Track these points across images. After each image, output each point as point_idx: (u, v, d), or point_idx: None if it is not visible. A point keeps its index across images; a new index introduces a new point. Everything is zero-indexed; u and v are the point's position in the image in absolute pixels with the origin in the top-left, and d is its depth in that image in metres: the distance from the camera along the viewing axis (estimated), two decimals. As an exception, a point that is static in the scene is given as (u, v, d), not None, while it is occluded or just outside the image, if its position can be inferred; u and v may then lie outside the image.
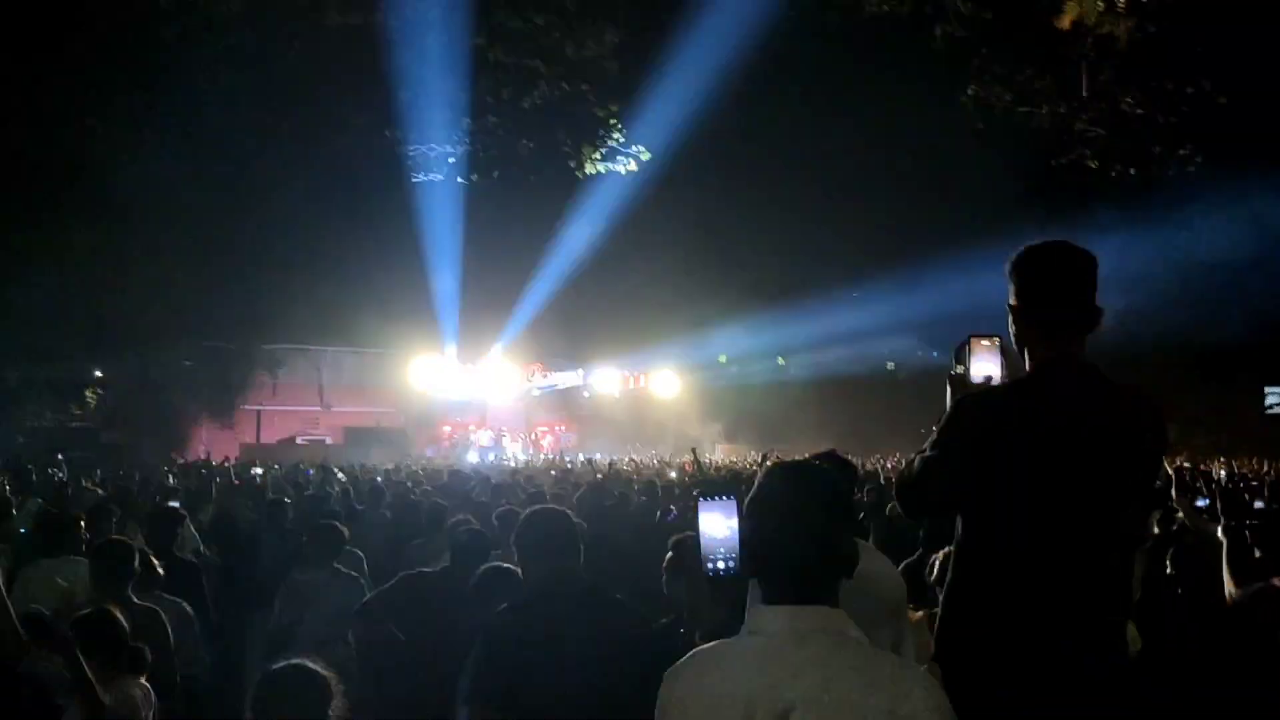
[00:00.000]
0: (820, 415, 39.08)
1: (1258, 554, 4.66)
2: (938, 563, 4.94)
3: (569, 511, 4.46)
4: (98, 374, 35.33)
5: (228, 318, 33.05)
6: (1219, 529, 4.96)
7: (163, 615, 5.20)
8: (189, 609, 5.75)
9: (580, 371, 44.76)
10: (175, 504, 9.41)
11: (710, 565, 2.37)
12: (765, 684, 2.09)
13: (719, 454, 37.57)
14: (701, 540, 2.38)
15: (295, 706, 3.32)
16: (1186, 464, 20.36)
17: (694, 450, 14.07)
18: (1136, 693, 2.85)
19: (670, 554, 4.76)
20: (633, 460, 24.78)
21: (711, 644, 2.27)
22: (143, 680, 4.51)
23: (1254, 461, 25.60)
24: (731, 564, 2.35)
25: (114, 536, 6.19)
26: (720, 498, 2.39)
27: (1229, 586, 4.41)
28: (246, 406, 39.11)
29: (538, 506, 4.53)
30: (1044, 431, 2.82)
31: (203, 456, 27.21)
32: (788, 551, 2.19)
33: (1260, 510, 8.13)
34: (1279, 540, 4.75)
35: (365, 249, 31.22)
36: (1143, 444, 2.91)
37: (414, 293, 35.67)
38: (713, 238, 35.06)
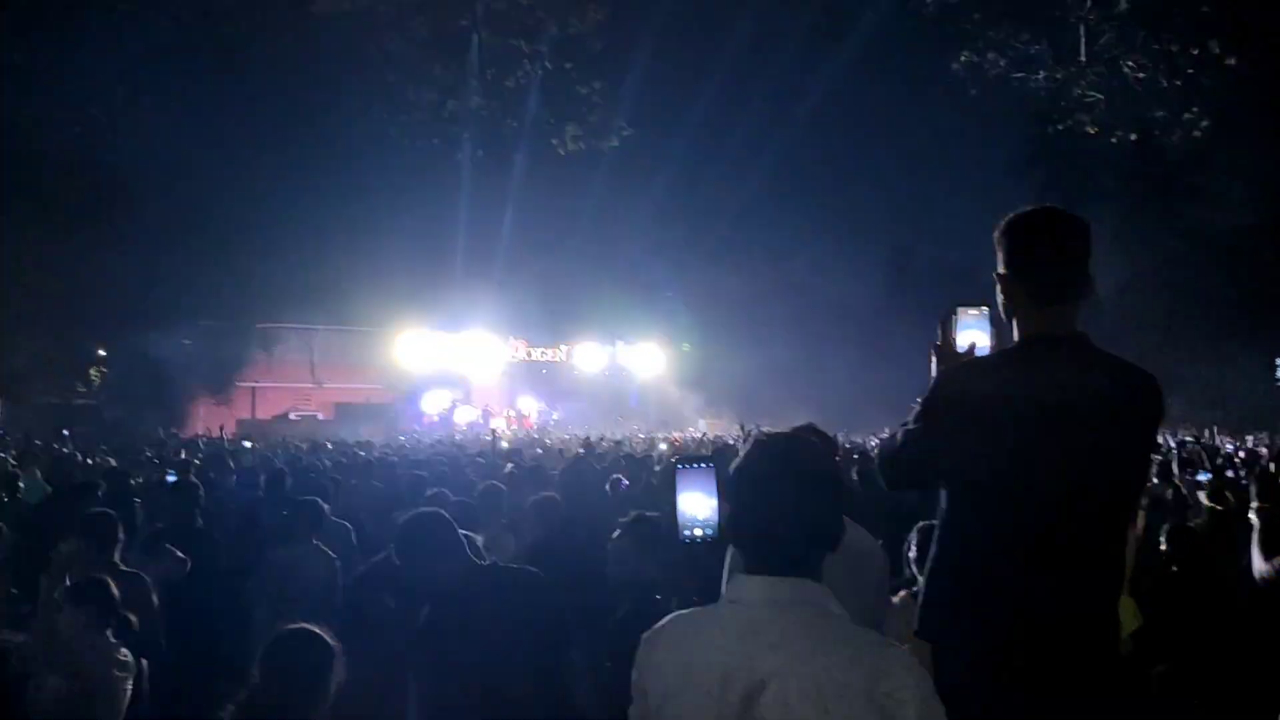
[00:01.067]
0: (805, 389, 39.00)
1: None
2: (915, 540, 4.89)
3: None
4: (101, 353, 36.18)
5: (224, 298, 33.91)
6: (1252, 511, 4.91)
7: (148, 581, 5.69)
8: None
9: (564, 347, 45.15)
10: (172, 476, 9.68)
11: (687, 533, 2.39)
12: (743, 654, 2.08)
13: (702, 427, 37.82)
14: (679, 508, 2.40)
15: (301, 668, 3.59)
16: (1189, 438, 20.28)
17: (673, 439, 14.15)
18: (1124, 676, 2.80)
19: (618, 533, 4.80)
20: (609, 438, 24.93)
21: (690, 610, 2.28)
22: (124, 651, 4.87)
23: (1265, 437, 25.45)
24: (709, 532, 2.37)
25: (99, 509, 6.45)
26: (699, 465, 2.41)
27: (1259, 564, 4.39)
28: (242, 383, 39.67)
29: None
30: (1031, 404, 2.74)
31: (201, 432, 27.98)
32: (771, 524, 2.18)
33: None
34: None
35: (355, 229, 31.68)
36: (1136, 418, 2.81)
37: (402, 271, 36.00)
38: (694, 211, 35.10)
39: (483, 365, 42.97)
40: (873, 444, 20.11)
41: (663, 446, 19.43)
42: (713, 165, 33.27)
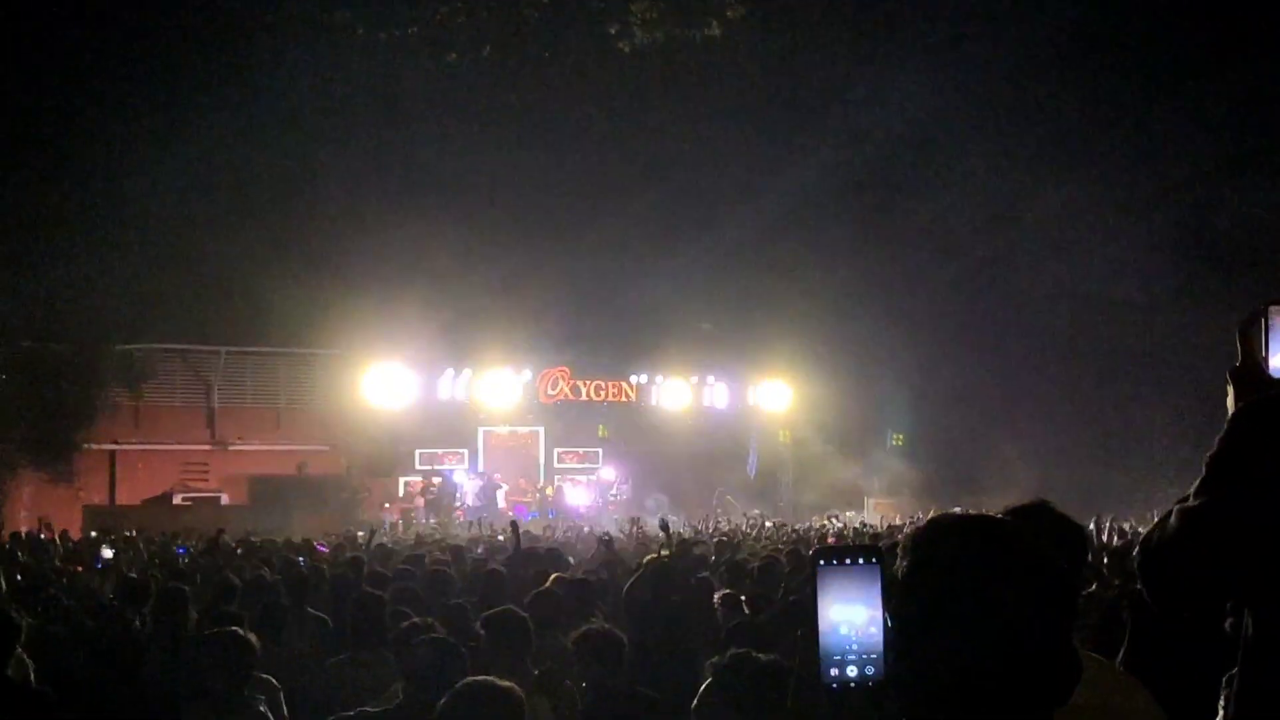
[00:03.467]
0: (1048, 445, 38.57)
1: None
2: (1225, 696, 4.75)
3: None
4: None
5: (62, 300, 33.73)
6: None
7: None
8: None
9: (636, 379, 44.65)
10: None
11: (832, 673, 2.37)
12: None
13: (871, 512, 37.60)
14: (821, 631, 2.38)
15: None
16: None
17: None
18: None
19: (707, 684, 4.85)
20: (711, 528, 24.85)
21: None
22: None
23: None
24: (870, 670, 2.35)
25: None
26: (853, 562, 2.40)
27: None
28: (93, 445, 39.47)
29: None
30: None
31: (26, 529, 27.66)
32: (968, 664, 2.20)
33: None
34: None
35: (286, 183, 31.71)
36: None
37: (362, 260, 36.13)
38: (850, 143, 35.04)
39: (500, 409, 43.36)
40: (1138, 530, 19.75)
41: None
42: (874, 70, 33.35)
